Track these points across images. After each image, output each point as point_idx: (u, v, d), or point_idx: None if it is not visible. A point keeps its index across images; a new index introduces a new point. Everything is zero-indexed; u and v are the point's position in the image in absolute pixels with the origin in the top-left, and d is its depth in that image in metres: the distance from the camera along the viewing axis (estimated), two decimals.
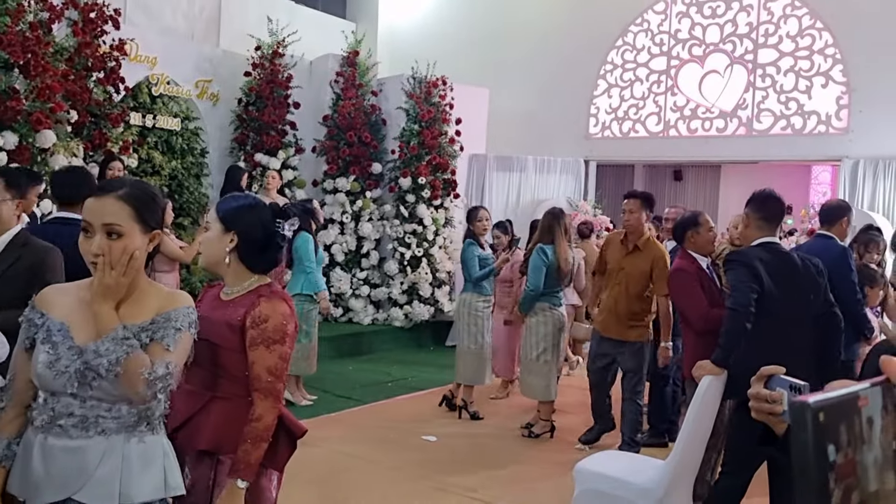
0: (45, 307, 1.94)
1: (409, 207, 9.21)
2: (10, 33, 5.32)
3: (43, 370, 1.86)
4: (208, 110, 8.87)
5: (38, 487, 1.87)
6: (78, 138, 6.24)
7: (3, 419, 1.95)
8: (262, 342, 2.20)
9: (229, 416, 2.22)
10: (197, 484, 2.20)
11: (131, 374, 1.81)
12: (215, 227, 2.32)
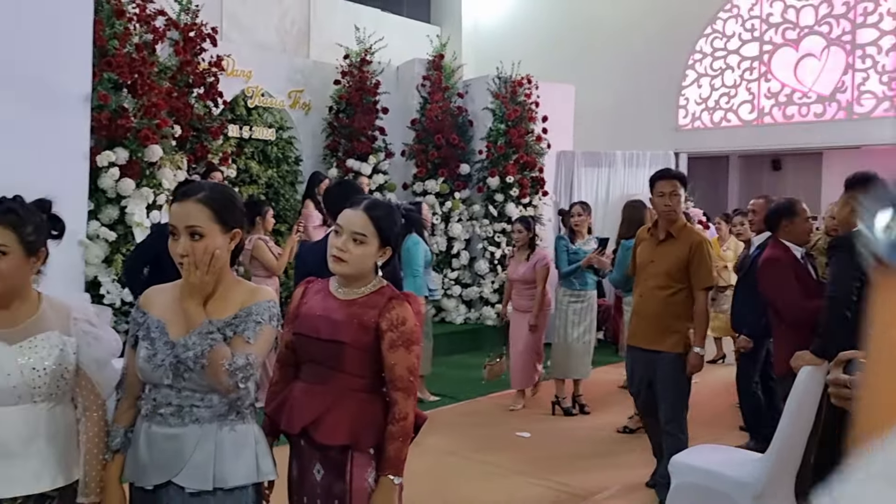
0: (146, 306, 2.13)
1: (497, 207, 9.28)
2: (118, 56, 5.67)
3: (143, 364, 2.03)
4: (301, 119, 9.17)
5: (145, 471, 2.05)
6: (182, 151, 6.58)
7: (118, 410, 2.14)
8: (402, 344, 2.27)
9: (357, 412, 2.30)
10: (332, 480, 2.29)
11: (214, 365, 1.95)
12: (372, 243, 2.32)
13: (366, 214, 2.33)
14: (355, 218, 2.33)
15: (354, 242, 2.30)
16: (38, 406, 1.99)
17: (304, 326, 2.37)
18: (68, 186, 5.10)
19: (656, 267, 4.25)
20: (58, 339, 2.03)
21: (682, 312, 4.16)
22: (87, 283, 5.43)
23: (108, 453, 2.10)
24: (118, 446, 2.10)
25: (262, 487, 2.18)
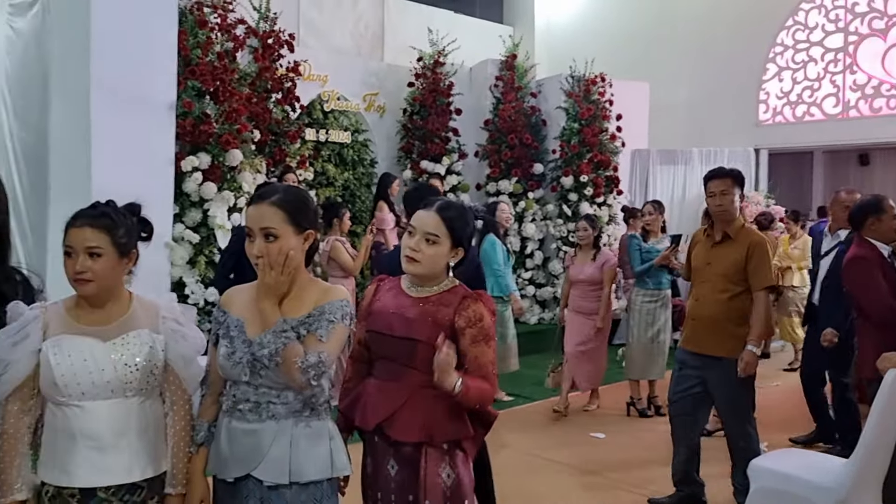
0: (226, 306, 2.22)
1: (571, 206, 9.22)
2: (201, 64, 5.88)
3: (223, 361, 2.13)
4: (376, 122, 9.32)
5: (226, 464, 2.14)
6: (261, 155, 6.77)
7: (202, 406, 2.24)
8: (483, 339, 2.33)
9: (430, 409, 2.35)
10: (406, 476, 2.35)
11: (287, 362, 2.02)
12: (444, 243, 2.38)
13: (438, 215, 2.38)
14: (428, 219, 2.39)
15: (427, 243, 2.36)
16: (129, 400, 2.09)
17: (377, 324, 2.43)
18: (155, 191, 5.34)
19: (713, 269, 4.11)
20: (148, 337, 2.13)
21: (741, 316, 4.00)
22: (173, 283, 5.66)
23: (193, 446, 2.20)
24: (202, 440, 2.20)
25: (338, 482, 2.24)
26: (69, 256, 2.06)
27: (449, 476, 2.35)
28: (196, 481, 2.18)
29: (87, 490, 2.04)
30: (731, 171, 4.20)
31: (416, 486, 2.33)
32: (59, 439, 2.06)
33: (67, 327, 2.08)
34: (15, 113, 5.95)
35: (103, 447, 2.05)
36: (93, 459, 2.03)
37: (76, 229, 2.06)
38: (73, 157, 5.17)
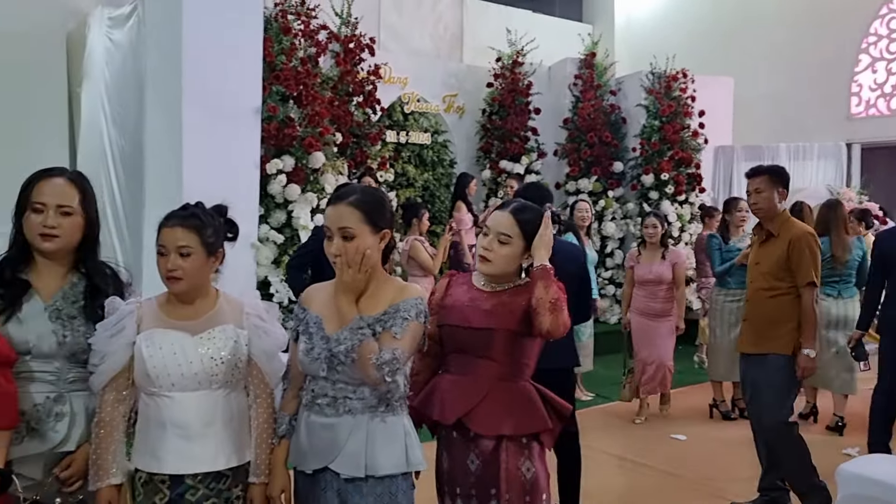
0: (306, 303, 2.31)
1: (652, 204, 9.09)
2: (285, 69, 6.08)
3: (302, 357, 2.21)
4: (455, 123, 9.41)
5: (305, 456, 2.22)
6: (343, 158, 6.94)
7: (284, 399, 2.34)
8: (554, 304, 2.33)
9: (509, 402, 2.40)
10: (486, 470, 2.39)
11: (362, 359, 2.09)
12: (517, 244, 2.44)
13: (512, 217, 2.44)
14: (502, 219, 2.45)
15: (500, 243, 2.40)
16: (215, 392, 2.21)
17: (452, 317, 2.48)
18: (242, 193, 5.54)
19: (760, 268, 4.04)
20: (233, 332, 2.24)
21: (787, 313, 3.88)
22: (259, 282, 5.86)
23: (275, 438, 2.29)
24: (284, 432, 2.30)
25: (412, 477, 2.28)
26: (162, 255, 2.18)
27: (528, 469, 2.39)
28: (277, 472, 2.27)
29: (175, 476, 2.15)
30: (768, 169, 4.12)
31: (497, 479, 2.37)
32: (151, 428, 2.18)
33: (159, 322, 2.21)
34: (114, 121, 6.29)
35: (191, 436, 2.16)
36: (181, 447, 2.15)
37: (168, 229, 2.18)
38: (165, 162, 5.42)
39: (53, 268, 2.28)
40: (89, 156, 6.73)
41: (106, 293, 2.29)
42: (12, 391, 2.07)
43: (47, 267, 2.27)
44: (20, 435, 2.15)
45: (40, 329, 2.18)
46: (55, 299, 2.25)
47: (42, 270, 2.26)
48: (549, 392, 2.53)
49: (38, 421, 2.18)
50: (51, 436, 2.19)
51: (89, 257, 2.33)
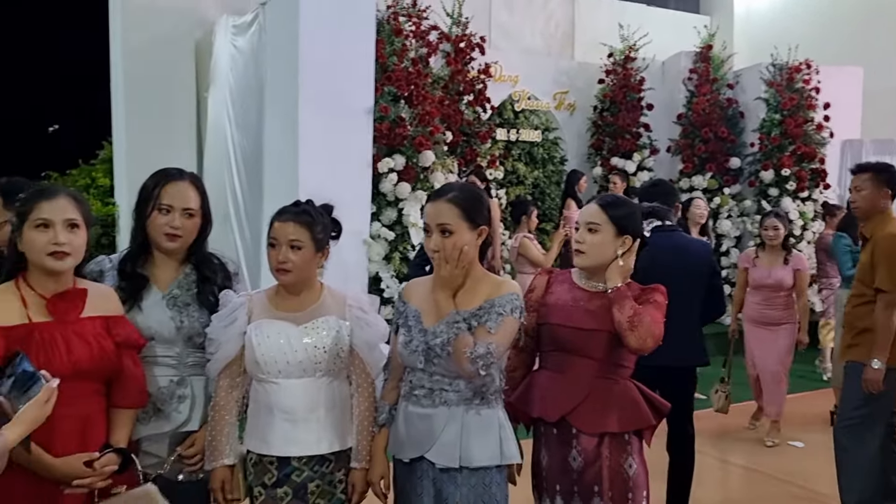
0: (407, 297, 2.40)
1: (771, 202, 8.74)
2: (397, 70, 6.23)
3: (401, 349, 2.30)
4: (566, 120, 9.36)
5: (402, 445, 2.31)
6: (453, 156, 7.05)
7: (385, 389, 2.43)
8: (652, 303, 2.40)
9: (611, 399, 2.43)
10: (589, 467, 2.42)
11: (458, 352, 2.15)
12: (606, 231, 2.46)
13: (598, 206, 2.48)
14: (590, 209, 2.49)
15: (589, 232, 2.45)
16: (318, 380, 2.33)
17: (554, 316, 2.50)
18: (355, 191, 5.73)
19: (857, 273, 3.81)
20: (335, 323, 2.35)
21: (868, 321, 3.63)
22: (370, 278, 6.04)
23: (375, 426, 2.39)
24: (384, 421, 2.39)
25: (506, 470, 2.32)
26: (273, 247, 2.32)
27: (630, 466, 2.41)
28: (377, 460, 2.37)
29: (282, 458, 2.29)
30: (874, 166, 3.86)
31: (600, 477, 2.39)
32: (261, 412, 2.33)
33: (267, 313, 2.35)
34: (237, 123, 6.63)
35: (296, 420, 2.29)
36: (287, 431, 2.29)
37: (280, 224, 2.32)
38: (283, 160, 5.68)
39: (169, 261, 2.45)
40: (214, 156, 7.13)
41: (214, 281, 2.46)
42: (140, 374, 2.25)
43: (163, 260, 2.44)
44: (148, 415, 2.34)
45: (160, 316, 2.36)
46: (171, 289, 2.42)
47: (159, 263, 2.44)
48: (647, 389, 2.54)
49: (163, 402, 2.36)
50: (175, 416, 2.37)
51: (199, 250, 2.49)
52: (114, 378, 2.18)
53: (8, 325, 2.02)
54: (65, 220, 2.08)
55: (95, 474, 2.05)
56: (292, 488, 2.29)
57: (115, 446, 2.13)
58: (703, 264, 3.73)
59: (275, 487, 2.29)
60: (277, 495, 2.29)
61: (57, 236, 2.05)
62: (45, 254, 2.05)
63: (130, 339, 2.23)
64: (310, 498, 2.30)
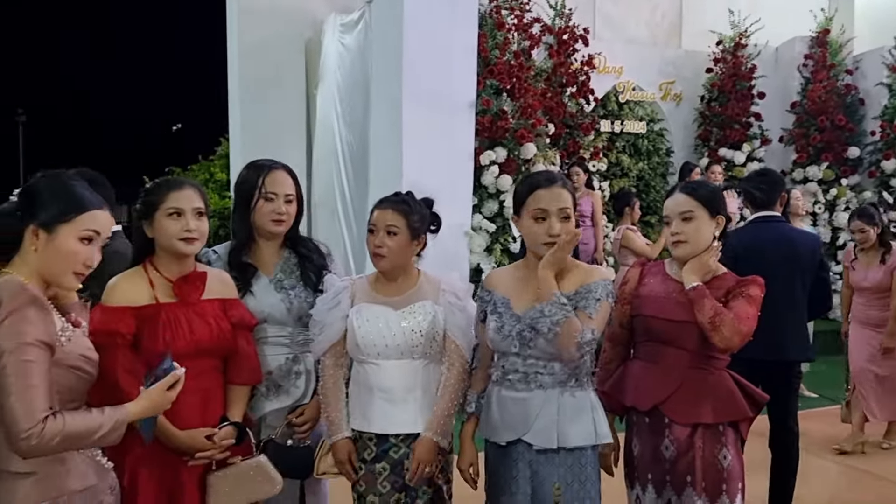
0: (490, 286, 2.47)
1: (894, 193, 8.32)
2: (499, 64, 6.30)
3: (493, 335, 2.37)
4: (672, 111, 9.18)
5: (497, 429, 2.38)
6: (555, 148, 7.06)
7: (474, 378, 2.51)
8: (744, 297, 2.39)
9: (704, 390, 2.44)
10: (681, 457, 2.44)
11: (566, 335, 2.18)
12: (701, 216, 2.46)
13: (685, 194, 2.48)
14: (678, 199, 2.49)
15: (684, 221, 2.44)
16: (415, 362, 2.45)
17: (648, 308, 2.53)
18: (457, 183, 5.83)
19: None
20: (431, 308, 2.46)
21: None
22: (471, 269, 6.13)
23: (463, 414, 2.48)
24: (473, 409, 2.47)
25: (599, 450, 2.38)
26: (371, 233, 2.46)
27: (725, 458, 2.41)
28: (466, 447, 2.47)
29: (381, 436, 2.42)
30: None
31: (693, 467, 2.40)
32: (361, 392, 2.47)
33: (368, 297, 2.48)
34: (343, 119, 6.85)
35: (394, 400, 2.42)
36: (385, 410, 2.42)
37: (380, 211, 2.46)
38: (388, 154, 5.84)
39: (270, 247, 2.62)
40: (323, 151, 7.39)
41: (313, 261, 2.63)
42: (252, 352, 2.42)
43: (266, 247, 2.62)
44: (269, 392, 2.53)
45: (271, 300, 2.53)
46: (276, 273, 2.60)
47: (262, 250, 2.62)
48: (744, 380, 2.52)
49: (281, 379, 2.55)
50: (293, 391, 2.56)
51: (295, 234, 2.66)
52: (230, 356, 2.36)
53: (138, 306, 2.21)
54: (193, 208, 2.27)
55: (215, 447, 2.23)
56: (390, 464, 2.42)
57: (232, 420, 2.31)
58: (809, 256, 3.63)
59: (374, 462, 2.42)
60: (376, 470, 2.42)
61: (188, 223, 2.24)
62: (177, 239, 2.24)
63: (244, 320, 2.40)
64: (405, 474, 2.42)
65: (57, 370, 1.74)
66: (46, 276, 1.83)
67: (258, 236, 2.61)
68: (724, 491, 2.39)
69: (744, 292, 2.41)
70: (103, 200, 1.92)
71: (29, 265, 1.81)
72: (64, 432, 1.66)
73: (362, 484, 2.43)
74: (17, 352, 1.66)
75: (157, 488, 2.20)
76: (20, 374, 1.65)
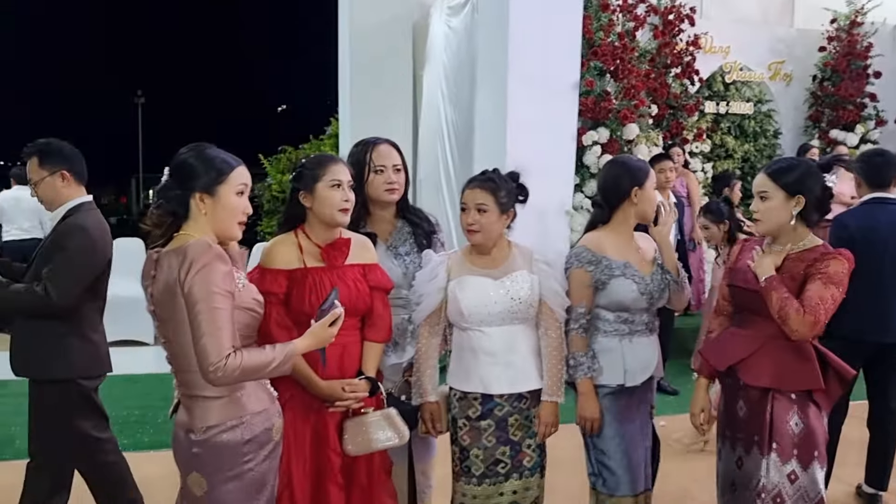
0: (602, 251, 2.71)
1: None
2: (603, 45, 6.37)
3: (636, 296, 2.68)
4: (781, 91, 8.96)
5: (633, 373, 2.73)
6: (658, 129, 7.07)
7: (575, 340, 2.72)
8: (821, 278, 2.44)
9: (780, 357, 2.53)
10: (753, 419, 2.57)
11: (687, 291, 2.85)
12: (776, 196, 2.53)
13: (764, 175, 2.57)
14: (758, 180, 2.61)
15: (761, 200, 2.56)
16: (515, 327, 2.66)
17: (737, 278, 2.67)
18: (559, 162, 5.97)
19: None
20: (527, 277, 2.67)
21: None
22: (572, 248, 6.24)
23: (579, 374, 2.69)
24: (587, 372, 2.69)
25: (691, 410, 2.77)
26: (463, 211, 2.67)
27: (797, 424, 2.50)
28: (591, 401, 2.71)
29: (486, 395, 2.65)
30: None
31: (761, 428, 2.53)
32: (465, 355, 2.70)
33: (466, 269, 2.69)
34: (449, 99, 7.07)
35: (497, 363, 2.65)
36: (489, 372, 2.65)
37: (469, 190, 2.67)
38: (492, 134, 6.02)
39: (385, 217, 2.87)
40: (428, 131, 7.65)
41: (423, 228, 2.88)
42: (387, 314, 2.67)
43: (381, 217, 2.86)
44: (388, 349, 2.77)
45: (387, 265, 2.77)
46: (391, 241, 2.85)
47: (377, 221, 2.86)
48: (831, 355, 2.57)
49: (398, 337, 2.80)
50: (409, 349, 2.82)
51: (405, 203, 2.90)
52: (367, 316, 2.61)
53: (289, 269, 2.49)
54: (347, 180, 2.52)
55: (351, 397, 2.49)
56: (494, 421, 2.65)
57: (366, 374, 2.56)
58: None
59: (479, 420, 2.66)
60: (481, 427, 2.65)
61: (346, 194, 2.50)
62: (337, 209, 2.49)
63: (381, 283, 2.63)
64: (509, 430, 2.65)
65: (237, 312, 2.03)
66: (218, 233, 2.11)
67: (373, 208, 2.83)
68: (796, 456, 2.49)
69: (821, 270, 2.45)
70: (239, 158, 2.17)
71: (202, 227, 2.08)
72: (242, 366, 1.95)
73: (466, 439, 2.67)
74: (208, 300, 1.94)
75: (306, 427, 2.50)
76: (210, 319, 1.93)
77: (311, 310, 2.34)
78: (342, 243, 2.55)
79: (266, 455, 2.13)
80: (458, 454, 2.70)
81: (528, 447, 2.68)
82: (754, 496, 2.52)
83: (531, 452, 2.69)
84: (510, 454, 2.66)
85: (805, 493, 2.49)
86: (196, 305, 1.94)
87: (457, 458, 2.71)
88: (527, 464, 2.68)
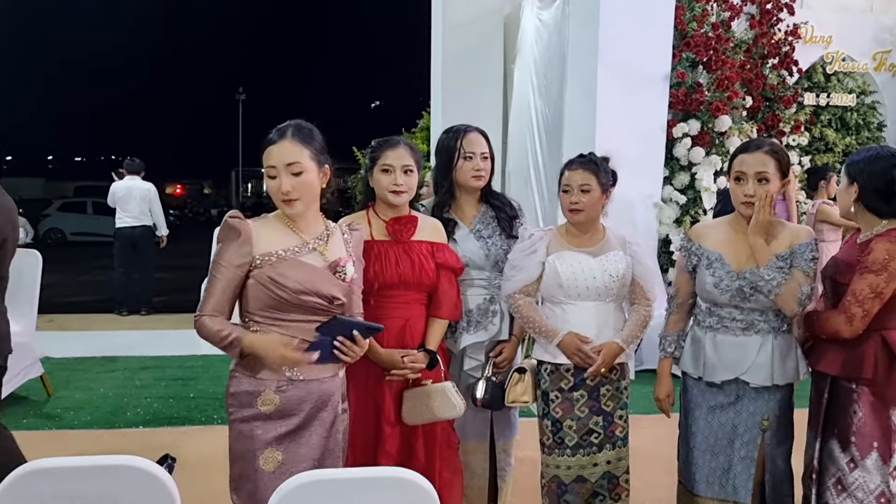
0: (698, 239, 2.70)
1: None
2: (696, 36, 6.30)
3: (711, 288, 2.61)
4: (887, 82, 8.60)
5: (714, 369, 2.64)
6: (752, 121, 6.94)
7: (670, 321, 2.79)
8: (864, 269, 2.43)
9: (848, 343, 2.48)
10: (817, 395, 2.61)
11: (789, 295, 2.46)
12: (842, 181, 2.60)
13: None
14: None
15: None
16: (607, 304, 2.75)
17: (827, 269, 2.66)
18: (648, 154, 5.97)
19: None
20: (621, 257, 2.76)
21: None
22: (660, 241, 6.23)
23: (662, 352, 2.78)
24: (672, 351, 2.75)
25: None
26: (566, 193, 2.75)
27: (855, 413, 2.49)
28: (665, 381, 2.78)
29: (578, 367, 2.73)
30: None
31: (819, 411, 2.58)
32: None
33: (564, 246, 2.79)
34: (539, 92, 7.14)
35: (589, 336, 2.72)
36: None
37: (571, 171, 2.76)
38: (581, 126, 6.06)
39: (470, 201, 2.99)
40: (518, 123, 7.73)
41: (506, 212, 2.98)
42: (454, 292, 2.79)
43: (466, 202, 2.98)
44: (470, 328, 2.90)
45: (471, 247, 2.90)
46: (474, 224, 2.96)
47: (462, 205, 2.98)
48: None
49: (480, 316, 2.92)
50: (490, 328, 2.92)
51: (490, 189, 3.02)
52: (433, 292, 2.74)
53: None
54: (403, 165, 2.66)
55: (408, 367, 2.63)
56: (587, 391, 2.75)
57: (427, 347, 2.70)
58: None
59: (571, 391, 2.75)
60: (574, 398, 2.75)
61: (396, 178, 2.65)
62: (387, 191, 2.66)
63: (448, 262, 2.76)
64: (601, 399, 2.75)
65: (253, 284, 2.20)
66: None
67: (459, 192, 2.96)
68: (854, 443, 2.49)
69: (860, 259, 2.44)
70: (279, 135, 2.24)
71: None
72: (205, 331, 2.16)
73: (559, 411, 2.76)
74: (212, 268, 2.20)
75: (366, 395, 2.66)
76: (209, 284, 2.20)
77: (374, 277, 2.56)
78: (408, 220, 2.71)
79: (247, 417, 2.18)
80: (549, 427, 2.78)
81: (619, 418, 2.78)
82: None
83: (622, 423, 2.79)
84: (602, 424, 2.75)
85: (864, 484, 2.49)
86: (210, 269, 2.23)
87: (549, 431, 2.78)
88: (619, 434, 2.78)
